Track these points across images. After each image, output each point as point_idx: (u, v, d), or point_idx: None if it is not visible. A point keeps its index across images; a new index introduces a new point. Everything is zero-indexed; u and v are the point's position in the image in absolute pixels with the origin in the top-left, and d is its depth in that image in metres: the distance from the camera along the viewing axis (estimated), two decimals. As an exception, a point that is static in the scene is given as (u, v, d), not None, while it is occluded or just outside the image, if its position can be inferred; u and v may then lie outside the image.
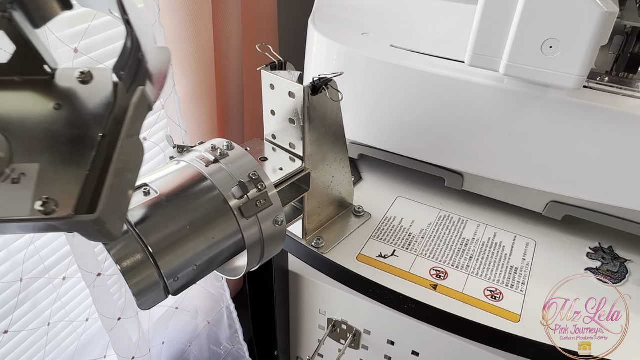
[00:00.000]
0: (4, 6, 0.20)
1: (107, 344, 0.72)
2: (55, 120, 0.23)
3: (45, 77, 0.24)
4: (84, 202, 0.21)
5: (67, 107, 0.23)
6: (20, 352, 0.59)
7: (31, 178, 0.21)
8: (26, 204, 0.20)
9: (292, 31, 0.94)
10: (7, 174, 0.21)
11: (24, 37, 0.21)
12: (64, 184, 0.21)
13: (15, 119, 0.22)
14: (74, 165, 0.22)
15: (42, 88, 0.23)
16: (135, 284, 0.32)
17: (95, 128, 0.23)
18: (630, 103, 0.44)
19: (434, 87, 0.50)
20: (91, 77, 0.24)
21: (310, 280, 0.60)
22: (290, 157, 0.46)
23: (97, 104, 0.23)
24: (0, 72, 0.23)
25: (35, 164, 0.21)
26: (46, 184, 0.21)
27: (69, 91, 0.23)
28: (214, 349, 0.92)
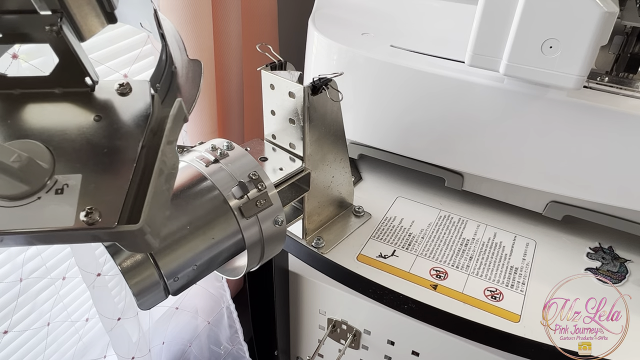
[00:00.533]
0: (54, 20, 0.20)
1: (106, 344, 0.72)
2: (96, 132, 0.23)
3: (84, 90, 0.24)
4: (126, 212, 0.21)
5: (107, 118, 0.23)
6: (21, 353, 0.59)
7: (74, 189, 0.21)
8: (71, 215, 0.21)
9: (292, 31, 0.93)
10: (50, 185, 0.21)
11: (71, 51, 0.22)
12: (107, 194, 0.21)
13: (57, 131, 0.23)
14: (116, 175, 0.22)
15: (82, 100, 0.24)
16: (135, 284, 0.32)
17: (135, 139, 0.23)
18: (630, 103, 0.44)
19: (434, 87, 0.50)
20: (130, 89, 0.24)
21: (310, 280, 0.60)
22: (290, 157, 0.46)
23: (136, 115, 0.24)
24: (41, 84, 0.24)
25: (78, 175, 0.22)
26: (89, 195, 0.21)
27: (109, 103, 0.24)
28: (214, 349, 0.92)
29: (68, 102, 0.24)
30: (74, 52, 0.22)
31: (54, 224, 0.20)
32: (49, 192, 0.21)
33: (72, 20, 0.21)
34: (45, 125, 0.23)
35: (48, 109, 0.24)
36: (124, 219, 0.21)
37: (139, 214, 0.21)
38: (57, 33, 0.20)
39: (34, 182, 0.21)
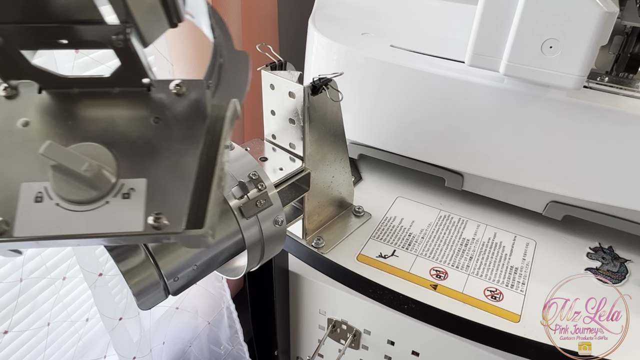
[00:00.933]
0: (121, 30, 0.20)
1: (107, 344, 0.72)
2: (156, 134, 0.23)
3: (141, 89, 0.24)
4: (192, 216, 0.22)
5: (166, 120, 0.23)
6: (21, 353, 0.59)
7: (140, 193, 0.22)
8: (139, 219, 0.21)
9: (292, 31, 0.94)
10: (117, 189, 0.22)
11: (135, 56, 0.22)
12: (172, 198, 0.22)
13: (119, 133, 0.23)
14: (180, 179, 0.22)
15: (140, 100, 0.24)
16: (135, 284, 0.32)
17: (195, 140, 0.23)
18: (630, 103, 0.44)
19: (434, 87, 0.50)
20: (186, 88, 0.24)
21: (310, 280, 0.60)
22: (290, 157, 0.46)
23: (193, 116, 0.24)
24: (100, 84, 0.24)
25: (143, 179, 0.22)
26: (155, 199, 0.22)
27: (166, 103, 0.24)
28: (214, 349, 0.92)
29: (126, 101, 0.24)
30: (138, 59, 0.22)
31: (124, 228, 0.21)
32: (116, 197, 0.21)
33: (138, 28, 0.21)
34: (105, 127, 0.23)
35: (107, 109, 0.24)
36: (191, 223, 0.21)
37: (202, 217, 0.21)
38: (123, 42, 0.21)
39: (102, 187, 0.21)
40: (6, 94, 0.23)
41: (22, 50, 0.21)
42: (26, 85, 0.23)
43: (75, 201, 0.21)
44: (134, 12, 0.20)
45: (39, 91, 0.23)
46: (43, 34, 0.21)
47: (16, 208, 0.21)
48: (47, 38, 0.21)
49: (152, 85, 0.24)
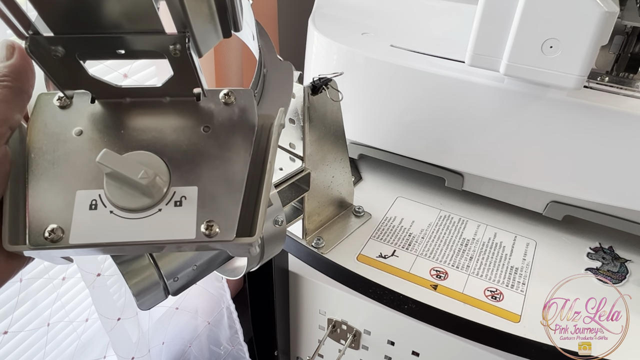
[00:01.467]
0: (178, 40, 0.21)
1: (106, 344, 0.72)
2: (206, 143, 0.23)
3: (191, 99, 0.24)
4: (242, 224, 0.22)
5: (216, 129, 0.24)
6: (20, 352, 0.59)
7: (192, 201, 0.22)
8: (191, 227, 0.21)
9: (292, 31, 0.93)
10: (169, 197, 0.22)
11: (191, 66, 0.22)
12: (223, 206, 0.22)
13: (169, 142, 0.23)
14: (230, 188, 0.22)
15: (189, 110, 0.24)
16: (134, 284, 0.31)
17: (245, 150, 0.23)
18: (631, 103, 0.44)
19: (434, 87, 0.50)
20: (234, 98, 0.24)
21: (310, 280, 0.60)
22: (290, 157, 0.46)
23: (242, 125, 0.24)
24: (151, 94, 0.24)
25: (194, 187, 0.22)
26: (206, 207, 0.22)
27: (215, 112, 0.24)
28: (213, 350, 0.92)
29: (176, 111, 0.24)
30: (194, 68, 0.22)
31: (177, 236, 0.21)
32: (168, 204, 0.22)
33: (194, 38, 0.21)
34: (157, 135, 0.23)
35: (157, 118, 0.24)
36: (239, 231, 0.22)
37: (251, 225, 0.22)
38: (180, 52, 0.21)
39: (156, 195, 0.22)
40: (60, 104, 0.24)
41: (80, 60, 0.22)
42: (79, 95, 0.24)
43: (129, 209, 0.22)
44: (192, 21, 0.20)
45: (92, 101, 0.24)
46: (102, 44, 0.21)
47: (71, 216, 0.21)
48: (105, 48, 0.22)
49: (202, 94, 0.24)
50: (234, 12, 0.22)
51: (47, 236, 0.21)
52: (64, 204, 0.22)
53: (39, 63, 0.21)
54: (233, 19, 0.22)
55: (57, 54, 0.21)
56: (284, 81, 0.29)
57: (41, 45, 0.21)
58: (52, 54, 0.21)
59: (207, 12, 0.21)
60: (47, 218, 0.21)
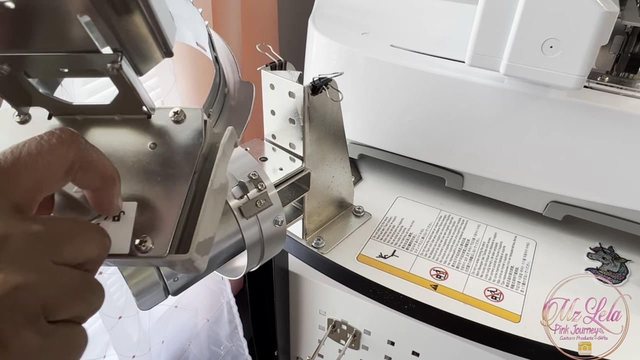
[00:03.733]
0: (114, 58, 0.21)
1: (106, 343, 0.72)
2: (151, 160, 0.24)
3: (142, 117, 0.25)
4: (176, 241, 0.23)
5: (162, 146, 0.25)
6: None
7: (130, 216, 0.23)
8: (126, 242, 0.22)
9: (292, 31, 0.93)
10: None
11: (129, 85, 0.23)
12: (159, 223, 0.23)
13: (116, 158, 0.24)
14: (169, 204, 0.23)
15: (140, 127, 0.25)
16: (135, 284, 0.32)
17: (188, 168, 0.24)
18: (631, 103, 0.44)
19: (434, 87, 0.50)
20: (184, 116, 0.25)
21: (310, 280, 0.60)
22: (290, 157, 0.46)
23: (189, 143, 0.25)
24: (102, 111, 0.25)
25: (134, 203, 0.23)
26: (143, 223, 0.23)
27: (164, 130, 0.25)
28: (213, 349, 0.92)
29: (127, 128, 0.25)
30: (132, 86, 0.23)
31: (111, 250, 0.21)
32: (107, 219, 0.22)
33: (131, 57, 0.22)
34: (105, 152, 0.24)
35: (108, 135, 0.25)
36: (174, 247, 0.22)
37: (189, 242, 0.22)
38: (117, 70, 0.21)
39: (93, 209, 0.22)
40: (19, 120, 0.25)
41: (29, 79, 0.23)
42: (38, 111, 0.25)
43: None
44: (124, 41, 0.21)
45: (49, 117, 0.25)
46: (44, 62, 0.22)
47: None
48: (48, 66, 0.22)
49: (149, 112, 0.25)
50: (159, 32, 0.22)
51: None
52: None
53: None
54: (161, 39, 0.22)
55: (2, 72, 0.22)
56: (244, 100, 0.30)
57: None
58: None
59: (138, 32, 0.21)
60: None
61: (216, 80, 0.30)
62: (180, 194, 0.23)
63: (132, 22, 0.21)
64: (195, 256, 0.22)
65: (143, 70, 0.23)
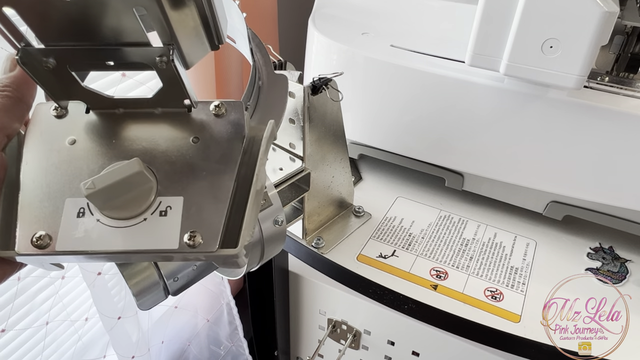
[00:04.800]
0: (165, 52, 0.21)
1: (106, 343, 0.72)
2: (195, 154, 0.24)
3: (182, 110, 0.25)
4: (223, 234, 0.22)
5: (204, 140, 0.24)
6: (19, 353, 0.59)
7: (177, 211, 0.22)
8: (175, 237, 0.22)
9: (292, 31, 0.93)
10: (155, 207, 0.22)
11: (177, 79, 0.22)
12: (207, 217, 0.22)
13: (159, 152, 0.24)
14: (215, 199, 0.23)
15: (180, 120, 0.25)
16: (134, 284, 0.31)
17: (232, 162, 0.24)
18: (631, 103, 0.44)
19: (434, 87, 0.50)
20: (225, 110, 0.25)
21: (310, 280, 0.60)
22: (290, 157, 0.46)
23: (232, 137, 0.24)
24: (144, 105, 0.25)
25: (180, 197, 0.23)
26: (190, 218, 0.22)
27: (205, 124, 0.24)
28: (213, 349, 0.92)
29: (167, 122, 0.25)
30: (180, 80, 0.22)
31: (160, 245, 0.21)
32: (153, 214, 0.22)
33: (181, 51, 0.22)
34: (147, 146, 0.24)
35: (149, 129, 0.24)
36: (222, 242, 0.22)
37: (235, 237, 0.22)
38: (166, 64, 0.21)
39: (141, 204, 0.22)
40: (57, 114, 0.24)
41: (72, 72, 0.22)
42: (75, 104, 0.24)
43: (114, 217, 0.22)
44: (177, 34, 0.21)
45: (87, 111, 0.25)
46: (92, 55, 0.22)
47: (59, 223, 0.22)
48: (95, 60, 0.22)
49: (192, 106, 0.25)
50: (215, 25, 0.22)
51: (35, 242, 0.21)
52: (53, 211, 0.22)
53: (31, 74, 0.22)
54: (215, 31, 0.22)
55: (49, 65, 0.21)
56: (279, 93, 0.30)
57: (33, 56, 0.21)
58: (44, 65, 0.21)
59: (191, 25, 0.21)
60: (36, 225, 0.22)
61: (253, 73, 0.29)
62: (226, 188, 0.23)
63: (188, 15, 0.21)
64: (242, 251, 0.22)
65: (191, 63, 0.23)
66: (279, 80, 0.31)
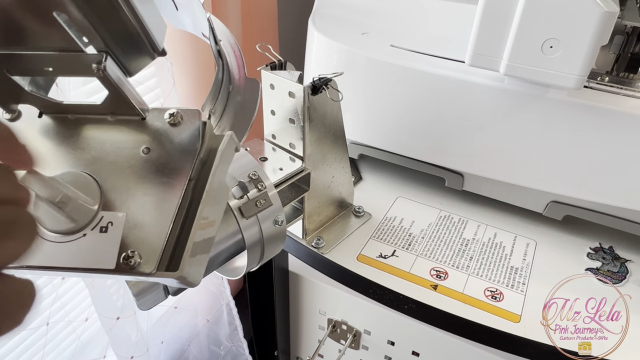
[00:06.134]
0: (99, 58, 0.20)
1: (106, 344, 0.71)
2: (143, 166, 0.23)
3: (136, 118, 0.23)
4: (167, 256, 0.21)
5: (156, 150, 0.23)
6: (19, 352, 0.59)
7: (118, 228, 0.21)
8: (112, 256, 0.20)
9: (292, 31, 0.93)
10: (96, 222, 0.21)
11: (116, 86, 0.21)
12: (148, 236, 0.21)
13: (107, 163, 0.23)
14: (159, 215, 0.21)
15: (134, 129, 0.23)
16: (135, 284, 0.31)
17: (182, 175, 0.22)
18: (631, 103, 0.44)
19: (434, 87, 0.50)
20: (181, 118, 0.23)
21: (310, 280, 0.60)
22: (290, 157, 0.46)
23: (185, 148, 0.23)
24: (95, 111, 0.23)
25: (123, 214, 0.21)
26: (131, 235, 0.21)
27: (159, 133, 0.23)
28: (213, 349, 0.92)
29: (119, 130, 0.23)
30: (118, 88, 0.22)
31: (96, 264, 0.20)
32: (94, 230, 0.21)
33: (117, 57, 0.21)
34: (96, 155, 0.23)
35: (100, 136, 0.23)
36: (164, 263, 0.21)
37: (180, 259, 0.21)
38: (102, 71, 0.20)
39: (81, 219, 0.21)
40: (10, 117, 0.23)
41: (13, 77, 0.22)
42: (28, 108, 0.24)
43: (53, 231, 0.21)
44: (107, 40, 0.20)
45: (40, 115, 0.24)
46: (28, 61, 0.21)
47: None
48: (32, 65, 0.21)
49: (143, 115, 0.23)
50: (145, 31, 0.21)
51: None
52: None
53: None
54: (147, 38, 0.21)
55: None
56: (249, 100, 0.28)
57: None
58: None
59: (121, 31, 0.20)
60: None
61: (219, 76, 0.28)
62: (171, 203, 0.21)
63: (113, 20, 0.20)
64: (186, 273, 0.21)
65: (133, 71, 0.22)
66: (251, 86, 0.29)
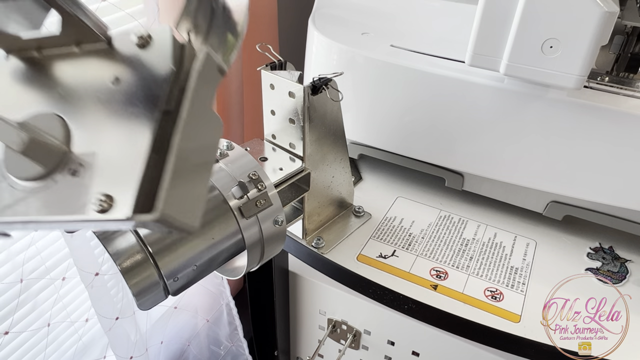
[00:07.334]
0: None
1: (106, 344, 0.72)
2: (112, 98, 0.20)
3: (103, 46, 0.20)
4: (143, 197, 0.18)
5: (126, 79, 0.20)
6: (20, 353, 0.59)
7: (89, 170, 0.19)
8: (83, 203, 0.18)
9: (292, 31, 0.93)
10: (64, 164, 0.19)
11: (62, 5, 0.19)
12: (122, 175, 0.18)
13: (75, 99, 0.20)
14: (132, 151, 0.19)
15: (102, 58, 0.20)
16: (135, 284, 0.31)
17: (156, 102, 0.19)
18: (631, 103, 0.44)
19: (434, 87, 0.50)
20: (150, 39, 0.20)
21: (310, 280, 0.60)
22: (290, 157, 0.46)
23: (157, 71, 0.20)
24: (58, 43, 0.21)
25: (93, 153, 0.19)
26: (104, 177, 0.18)
27: (128, 59, 0.20)
28: (213, 349, 0.92)
29: (88, 62, 0.21)
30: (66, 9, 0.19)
31: (70, 213, 0.18)
32: (63, 174, 0.19)
33: None
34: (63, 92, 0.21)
35: (68, 71, 0.21)
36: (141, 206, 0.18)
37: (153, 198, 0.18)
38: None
39: (48, 163, 0.19)
40: None
41: None
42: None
43: (22, 178, 0.19)
44: None
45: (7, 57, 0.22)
46: None
47: None
48: None
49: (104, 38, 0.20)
50: None
51: None
52: None
53: None
54: None
55: None
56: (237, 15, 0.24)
57: None
58: None
59: None
60: None
61: None
62: (144, 138, 0.19)
63: None
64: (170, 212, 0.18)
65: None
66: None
